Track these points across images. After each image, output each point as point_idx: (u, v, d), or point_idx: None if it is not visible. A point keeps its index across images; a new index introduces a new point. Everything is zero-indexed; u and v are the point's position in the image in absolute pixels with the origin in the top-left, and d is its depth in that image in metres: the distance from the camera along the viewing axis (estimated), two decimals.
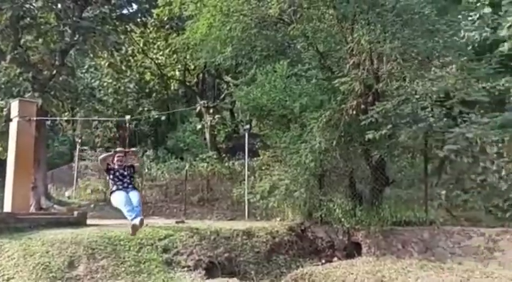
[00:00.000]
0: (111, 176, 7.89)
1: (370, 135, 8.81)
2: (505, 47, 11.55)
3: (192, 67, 21.36)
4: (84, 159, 18.29)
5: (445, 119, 10.43)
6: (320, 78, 11.14)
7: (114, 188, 7.79)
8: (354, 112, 9.32)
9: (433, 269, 7.84)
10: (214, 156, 17.30)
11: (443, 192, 9.95)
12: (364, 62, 9.34)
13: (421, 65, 9.56)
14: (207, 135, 20.90)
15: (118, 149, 8.32)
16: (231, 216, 13.35)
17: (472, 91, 8.93)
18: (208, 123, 20.33)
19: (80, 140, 19.31)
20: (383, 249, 9.26)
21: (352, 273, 8.00)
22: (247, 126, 15.29)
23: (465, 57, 10.81)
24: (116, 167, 7.93)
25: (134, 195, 7.69)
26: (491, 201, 9.46)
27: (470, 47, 13.29)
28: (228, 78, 18.90)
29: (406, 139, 9.29)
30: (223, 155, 19.00)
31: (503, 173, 9.14)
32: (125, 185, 7.82)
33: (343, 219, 9.84)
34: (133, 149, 8.65)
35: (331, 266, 8.73)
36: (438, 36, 9.19)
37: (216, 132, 21.82)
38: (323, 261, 9.69)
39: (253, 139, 16.73)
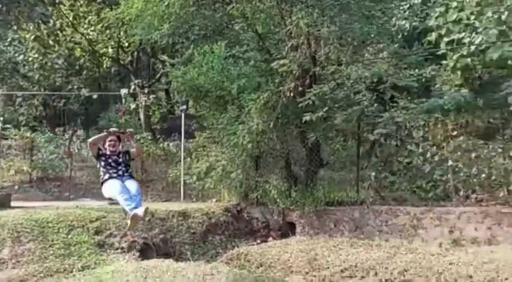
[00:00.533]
0: (103, 164, 6.50)
1: (307, 117, 8.99)
2: (432, 37, 12.12)
3: (126, 44, 20.50)
4: (7, 138, 17.12)
5: (376, 104, 10.88)
6: (258, 60, 11.15)
7: (107, 176, 6.44)
8: (291, 94, 9.42)
9: (363, 246, 8.21)
10: (149, 137, 16.80)
11: (373, 174, 10.41)
12: (302, 45, 9.46)
13: (356, 50, 9.85)
14: (142, 116, 20.25)
15: (112, 129, 6.73)
16: (166, 197, 13.13)
17: (403, 77, 9.34)
18: (143, 103, 19.71)
19: (1, 118, 18.02)
20: (316, 229, 9.56)
21: (286, 252, 8.18)
22: (184, 106, 14.96)
23: (396, 44, 11.30)
24: (108, 152, 6.54)
25: (131, 184, 6.42)
26: (416, 183, 10.06)
27: (400, 35, 13.88)
28: (164, 57, 18.35)
29: (340, 122, 9.59)
30: (158, 136, 18.57)
31: (428, 155, 9.70)
32: (120, 173, 6.47)
33: (278, 200, 10.02)
34: (131, 129, 6.98)
35: (266, 246, 8.88)
36: (373, 22, 9.48)
37: (150, 113, 21.25)
38: (258, 241, 9.85)
39: (190, 120, 16.49)
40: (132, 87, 19.33)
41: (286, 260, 7.91)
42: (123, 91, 7.82)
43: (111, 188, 6.32)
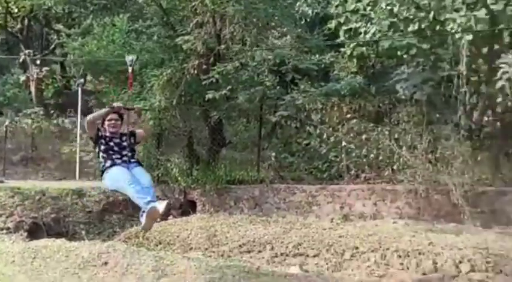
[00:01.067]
0: (103, 148, 5.28)
1: (210, 95, 9.00)
2: (332, 25, 12.65)
3: (16, 10, 18.77)
4: None
5: (278, 87, 11.19)
6: (162, 35, 10.85)
7: (108, 163, 5.22)
8: (195, 72, 9.37)
9: (261, 223, 8.47)
10: (41, 113, 15.66)
11: (274, 154, 10.75)
12: (208, 22, 9.39)
13: (261, 31, 9.99)
14: (33, 89, 18.77)
15: (115, 105, 5.35)
16: (61, 176, 12.39)
17: (304, 60, 9.68)
18: (35, 76, 18.24)
19: None
20: (217, 207, 9.68)
21: (186, 229, 8.19)
22: (81, 80, 14.17)
23: (300, 29, 11.65)
24: (108, 134, 5.31)
25: (141, 173, 5.24)
26: (313, 163, 10.57)
27: (303, 21, 14.32)
28: (59, 27, 17.12)
29: (243, 101, 9.73)
30: (52, 112, 17.35)
31: (324, 137, 10.22)
32: (125, 158, 5.27)
33: (179, 179, 9.98)
34: (139, 105, 5.66)
35: (166, 224, 8.80)
36: (278, 5, 9.66)
37: (43, 87, 19.74)
38: (158, 219, 9.70)
39: (87, 96, 15.59)
40: (22, 57, 17.80)
41: (185, 237, 7.93)
42: (130, 57, 6.31)
43: (117, 176, 5.09)
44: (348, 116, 10.13)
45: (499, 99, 7.85)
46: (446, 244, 6.55)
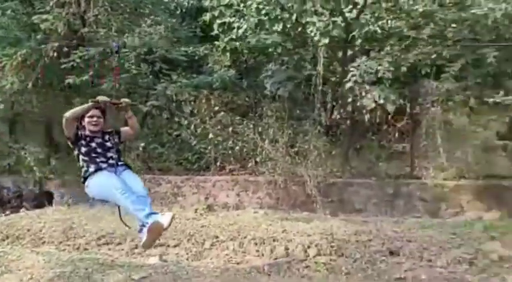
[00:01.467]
0: (83, 150, 4.55)
1: (70, 80, 8.50)
2: (207, 17, 12.70)
3: None
4: None
5: (151, 76, 10.96)
6: (19, 12, 9.94)
7: (92, 168, 4.49)
8: (56, 55, 8.76)
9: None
10: None
11: (142, 144, 10.50)
12: (71, 2, 8.84)
13: (131, 18, 9.69)
14: None
15: (100, 98, 4.60)
16: None
17: (173, 50, 9.62)
18: None
19: None
20: (76, 198, 9.17)
21: (39, 222, 7.70)
22: None
23: (174, 19, 11.53)
24: (88, 133, 4.59)
25: (132, 178, 4.58)
26: (183, 155, 10.57)
27: (179, 11, 14.16)
28: None
29: (109, 88, 9.34)
30: None
31: (192, 128, 10.27)
32: (111, 162, 4.55)
33: (35, 168, 9.25)
34: (126, 99, 4.80)
35: (16, 217, 8.20)
36: None
37: None
38: (8, 212, 8.96)
39: None
40: None
41: (38, 231, 7.44)
42: (115, 43, 4.79)
43: (106, 183, 4.40)
44: (216, 108, 10.29)
45: (350, 99, 8.64)
46: (298, 231, 7.05)
